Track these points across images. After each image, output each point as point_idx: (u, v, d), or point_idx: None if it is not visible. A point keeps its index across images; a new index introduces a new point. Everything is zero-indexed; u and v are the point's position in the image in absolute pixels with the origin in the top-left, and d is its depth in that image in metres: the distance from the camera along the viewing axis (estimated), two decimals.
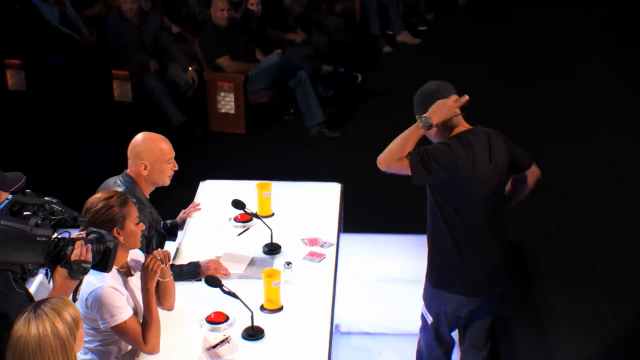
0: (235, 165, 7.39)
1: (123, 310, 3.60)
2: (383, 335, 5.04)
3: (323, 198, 5.01)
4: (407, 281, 5.04)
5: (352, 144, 8.06)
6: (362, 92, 9.26)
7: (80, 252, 3.17)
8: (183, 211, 4.85)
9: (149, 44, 8.37)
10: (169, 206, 4.98)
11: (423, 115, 3.86)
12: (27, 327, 2.86)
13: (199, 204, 4.92)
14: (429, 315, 4.16)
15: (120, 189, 4.19)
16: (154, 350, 3.66)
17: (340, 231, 4.66)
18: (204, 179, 5.30)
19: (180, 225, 4.77)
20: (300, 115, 8.28)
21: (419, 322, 4.30)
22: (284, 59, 8.22)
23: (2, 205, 3.09)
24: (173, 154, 4.36)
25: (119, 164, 4.41)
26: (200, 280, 4.22)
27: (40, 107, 8.30)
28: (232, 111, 8.20)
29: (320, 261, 4.36)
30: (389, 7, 10.45)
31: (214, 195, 5.06)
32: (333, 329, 3.90)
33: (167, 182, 4.35)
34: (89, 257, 3.22)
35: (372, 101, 9.04)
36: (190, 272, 4.23)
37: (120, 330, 3.61)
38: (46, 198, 3.24)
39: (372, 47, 10.28)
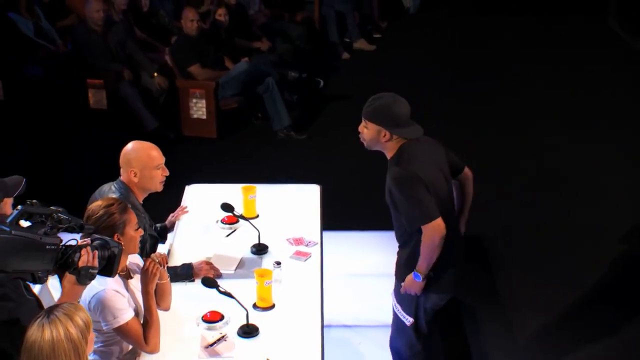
0: (210, 168, 7.34)
1: (125, 312, 3.53)
2: (361, 327, 5.03)
3: (304, 199, 4.98)
4: (380, 275, 4.99)
5: (318, 145, 8.03)
6: (324, 96, 9.24)
7: (87, 258, 3.11)
8: (172, 214, 4.78)
9: (115, 51, 8.24)
10: (152, 209, 4.89)
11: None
12: (41, 332, 2.79)
13: (186, 207, 4.86)
14: (407, 317, 4.13)
15: (114, 196, 4.13)
16: (154, 350, 3.60)
17: (322, 230, 4.63)
18: (180, 182, 5.15)
19: (170, 228, 4.71)
20: (268, 119, 8.23)
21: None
22: (252, 67, 8.17)
23: (12, 216, 3.01)
24: (162, 160, 4.26)
25: (98, 169, 4.31)
26: (193, 281, 4.17)
27: (17, 116, 8.11)
28: (204, 116, 8.12)
29: (306, 260, 4.33)
30: (346, 16, 10.45)
31: (200, 199, 5.00)
32: (324, 324, 3.87)
33: (159, 187, 4.26)
34: (96, 263, 3.16)
35: (334, 104, 9.03)
36: (184, 273, 4.17)
37: (122, 331, 3.55)
38: (52, 207, 3.18)
39: (331, 54, 10.28)
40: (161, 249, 4.41)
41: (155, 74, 8.21)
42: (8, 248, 2.85)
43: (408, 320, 4.13)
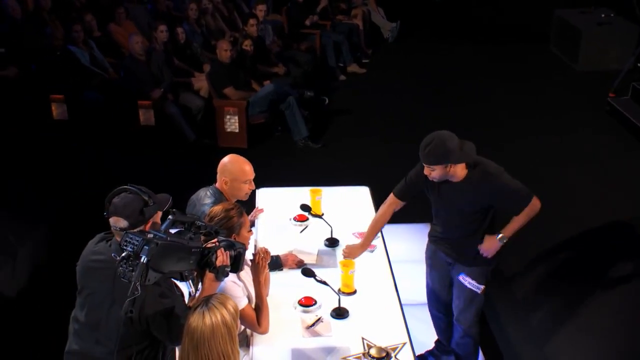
0: None
1: (242, 299, 3.37)
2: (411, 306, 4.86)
3: (356, 199, 4.82)
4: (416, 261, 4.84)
5: (330, 152, 7.89)
6: (329, 111, 9.08)
7: (223, 258, 2.98)
8: (251, 215, 4.60)
9: (158, 76, 8.02)
10: None
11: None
12: (202, 318, 2.67)
13: (261, 208, 4.68)
14: (479, 286, 4.01)
15: (209, 200, 3.95)
16: (265, 330, 3.45)
17: None
18: None
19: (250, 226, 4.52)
20: (289, 131, 8.05)
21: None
22: (277, 88, 7.98)
23: (164, 225, 2.88)
24: (252, 175, 4.05)
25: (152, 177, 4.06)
26: (281, 269, 4.01)
27: (80, 133, 7.85)
28: (237, 130, 7.91)
29: (373, 251, 4.18)
30: (341, 44, 10.30)
31: (271, 200, 4.82)
32: (402, 304, 3.73)
33: (244, 198, 4.06)
34: (228, 262, 3.01)
35: (337, 118, 8.87)
36: (274, 263, 4.00)
37: (240, 315, 3.37)
38: (189, 215, 3.04)
39: (330, 76, 10.12)
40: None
41: None
42: (166, 253, 2.72)
43: (479, 288, 4.02)
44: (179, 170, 7.23)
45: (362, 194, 4.87)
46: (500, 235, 3.87)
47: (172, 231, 2.93)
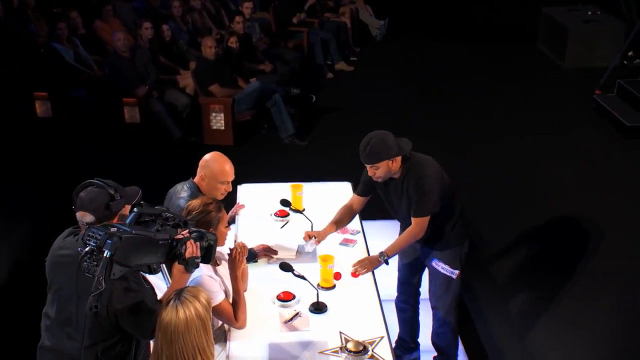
0: None
1: (218, 294, 3.35)
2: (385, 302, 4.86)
3: (339, 194, 4.79)
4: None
5: (317, 149, 7.87)
6: (316, 109, 9.06)
7: (192, 250, 2.94)
8: (231, 210, 4.58)
9: (143, 73, 8.00)
10: None
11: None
12: (175, 312, 2.63)
13: (242, 204, 4.65)
14: (454, 271, 4.02)
15: (185, 194, 3.93)
16: (243, 325, 3.43)
17: (361, 220, 4.46)
18: None
19: (230, 222, 4.49)
20: (275, 129, 8.03)
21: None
22: (262, 85, 7.96)
23: (129, 218, 2.84)
24: (231, 177, 4.00)
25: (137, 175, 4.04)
26: (256, 261, 4.00)
27: (64, 131, 7.80)
28: (222, 127, 7.87)
29: (353, 246, 4.17)
30: (329, 42, 10.28)
31: (252, 196, 4.80)
32: (380, 299, 3.72)
33: (219, 198, 3.93)
34: (199, 253, 2.98)
35: (325, 115, 8.86)
36: (249, 256, 3.95)
37: (216, 310, 3.35)
38: (157, 207, 2.99)
39: (318, 74, 10.09)
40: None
41: None
42: (131, 246, 2.68)
43: (455, 273, 4.02)
44: (164, 167, 7.19)
45: (344, 189, 4.85)
46: (381, 252, 3.82)
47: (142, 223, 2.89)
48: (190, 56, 8.77)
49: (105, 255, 2.60)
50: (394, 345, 4.35)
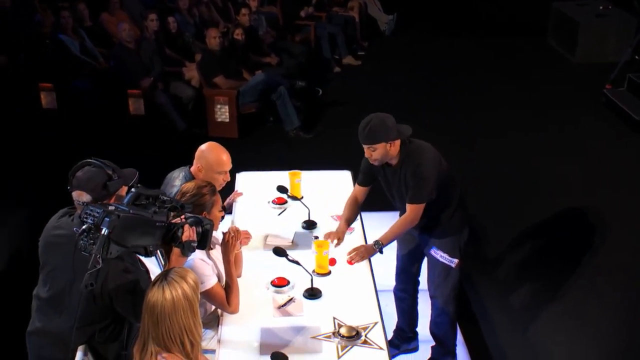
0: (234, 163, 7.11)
1: (210, 278, 3.33)
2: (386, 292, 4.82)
3: (338, 183, 4.77)
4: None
5: (322, 142, 7.84)
6: (322, 102, 9.04)
7: (189, 234, 2.92)
8: (228, 198, 4.55)
9: (148, 65, 8.01)
10: None
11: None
12: (161, 293, 2.60)
13: (240, 192, 4.63)
14: (453, 259, 3.97)
15: (179, 182, 3.91)
16: (235, 310, 3.41)
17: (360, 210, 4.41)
18: None
19: (227, 209, 4.47)
20: (281, 121, 8.01)
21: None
22: (267, 77, 7.94)
23: (127, 198, 2.82)
24: (229, 167, 3.94)
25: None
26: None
27: (69, 123, 7.81)
28: (227, 120, 7.87)
29: (351, 233, 4.13)
30: (336, 36, 10.25)
31: (250, 184, 4.78)
32: (376, 287, 3.68)
33: (218, 189, 3.79)
34: (195, 237, 2.96)
35: (331, 109, 8.83)
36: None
37: (209, 294, 3.34)
38: (154, 190, 2.98)
39: (325, 68, 10.06)
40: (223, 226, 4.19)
41: None
42: (129, 225, 2.67)
43: (454, 262, 3.97)
44: (167, 160, 7.16)
45: (343, 177, 4.82)
46: (375, 241, 3.78)
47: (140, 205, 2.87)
48: (196, 49, 8.77)
49: (102, 232, 2.59)
50: (392, 335, 4.35)
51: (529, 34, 11.51)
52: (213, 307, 3.52)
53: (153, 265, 3.38)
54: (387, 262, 4.76)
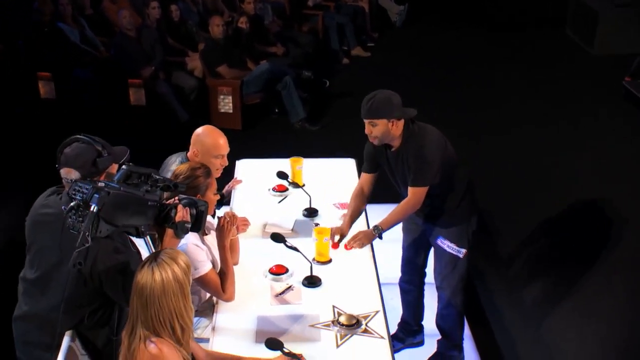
0: (236, 154, 7.06)
1: (205, 264, 3.29)
2: (391, 285, 4.76)
3: (342, 170, 4.72)
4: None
5: (328, 134, 7.78)
6: (330, 94, 8.98)
7: (182, 214, 2.87)
8: (227, 185, 4.51)
9: (150, 54, 7.97)
10: None
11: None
12: (151, 274, 2.55)
13: (240, 179, 4.59)
14: (461, 249, 3.89)
15: (174, 167, 3.84)
16: (231, 298, 3.36)
17: None
18: None
19: (226, 197, 4.43)
20: (286, 113, 7.96)
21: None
22: (272, 67, 7.90)
23: (118, 175, 2.77)
24: (225, 151, 3.83)
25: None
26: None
27: (67, 113, 7.79)
28: (231, 111, 7.83)
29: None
30: (345, 27, 10.19)
31: (251, 171, 4.74)
32: (379, 276, 3.63)
33: (216, 174, 3.72)
34: (189, 218, 2.91)
35: (338, 101, 8.78)
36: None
37: (202, 281, 3.30)
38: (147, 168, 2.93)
39: (333, 59, 10.00)
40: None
41: None
42: (119, 203, 2.63)
43: (462, 252, 3.90)
44: (169, 151, 7.13)
45: (346, 165, 4.77)
46: (375, 226, 3.70)
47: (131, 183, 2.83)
48: (200, 38, 8.73)
49: (92, 209, 2.55)
50: (396, 328, 4.29)
51: (547, 25, 11.37)
52: (208, 295, 3.47)
53: (142, 250, 3.35)
54: (392, 254, 4.73)
